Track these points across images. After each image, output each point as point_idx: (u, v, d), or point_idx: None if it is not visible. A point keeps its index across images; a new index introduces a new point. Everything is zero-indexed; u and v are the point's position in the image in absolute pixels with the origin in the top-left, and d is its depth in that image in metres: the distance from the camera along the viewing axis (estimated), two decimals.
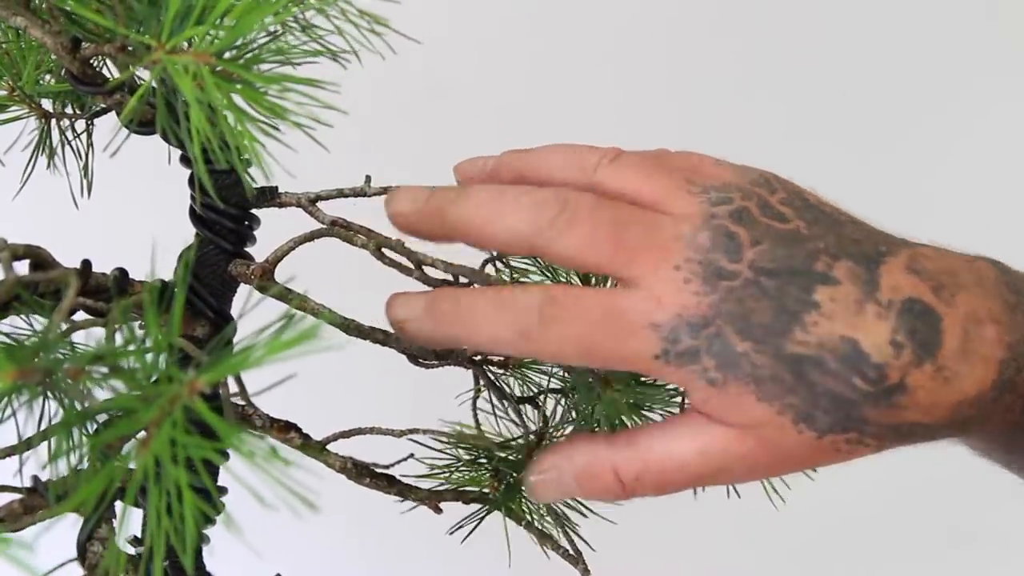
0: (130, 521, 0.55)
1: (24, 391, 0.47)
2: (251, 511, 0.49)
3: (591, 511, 0.82)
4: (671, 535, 1.74)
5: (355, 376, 1.45)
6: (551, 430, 0.77)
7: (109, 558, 0.61)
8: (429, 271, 0.70)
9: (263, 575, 0.90)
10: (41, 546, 0.52)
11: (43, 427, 0.57)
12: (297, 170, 0.62)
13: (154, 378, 0.48)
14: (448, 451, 0.81)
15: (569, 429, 0.77)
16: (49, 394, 0.52)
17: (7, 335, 0.61)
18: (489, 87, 1.80)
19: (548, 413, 0.78)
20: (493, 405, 0.77)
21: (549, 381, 0.79)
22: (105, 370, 0.48)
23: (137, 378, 0.47)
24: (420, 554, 1.25)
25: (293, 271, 0.69)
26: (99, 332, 0.58)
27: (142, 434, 0.45)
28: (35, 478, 0.65)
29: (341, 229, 0.72)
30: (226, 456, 0.51)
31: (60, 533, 0.67)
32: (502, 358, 0.77)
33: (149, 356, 0.49)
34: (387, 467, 0.77)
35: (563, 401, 0.78)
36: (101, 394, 0.48)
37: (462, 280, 0.68)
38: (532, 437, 0.76)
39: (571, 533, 0.83)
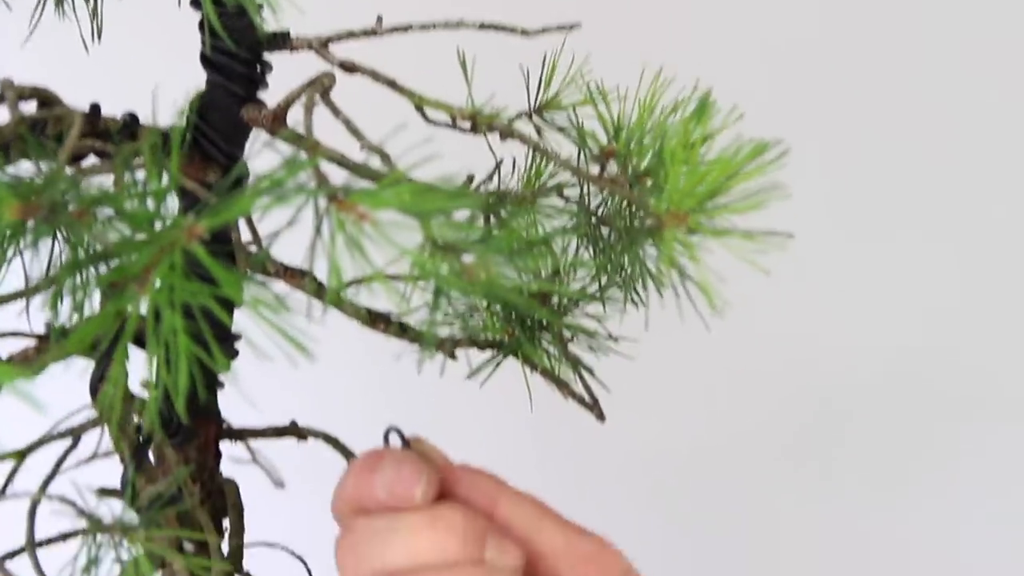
0: (143, 363, 0.55)
1: (30, 231, 0.47)
2: (266, 361, 0.50)
3: (608, 351, 0.82)
4: (686, 371, 1.74)
5: None
6: (563, 275, 0.77)
7: (106, 395, 0.62)
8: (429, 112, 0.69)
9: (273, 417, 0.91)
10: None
11: (51, 272, 0.58)
12: (307, 10, 0.61)
13: (159, 224, 0.47)
14: (460, 298, 0.81)
15: (582, 271, 0.77)
16: (56, 235, 0.52)
17: (13, 177, 0.61)
18: None
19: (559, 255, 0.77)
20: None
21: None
22: (110, 212, 0.48)
23: (140, 221, 0.47)
24: (440, 400, 1.26)
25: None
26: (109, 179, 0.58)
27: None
28: (48, 324, 0.65)
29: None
30: (229, 303, 0.51)
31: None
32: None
33: (151, 200, 0.48)
34: (401, 315, 0.77)
35: (576, 243, 0.77)
36: (109, 237, 0.48)
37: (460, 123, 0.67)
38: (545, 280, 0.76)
39: (587, 377, 0.83)
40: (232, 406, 0.85)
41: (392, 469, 0.56)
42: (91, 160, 0.65)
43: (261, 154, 0.57)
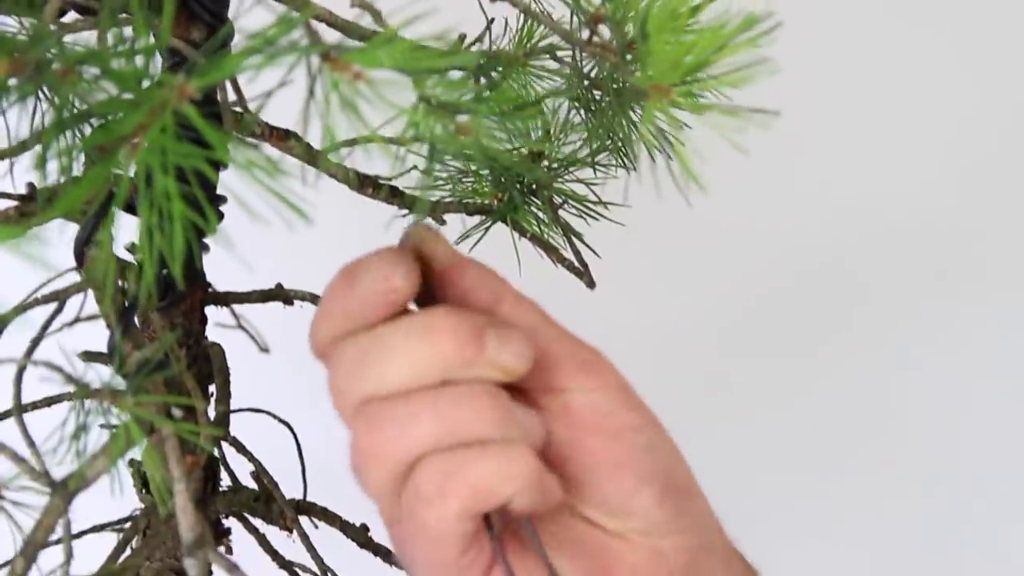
0: (127, 227, 0.54)
1: (15, 89, 0.46)
2: (248, 221, 0.49)
3: (598, 216, 0.82)
4: (680, 234, 1.74)
5: None
6: (554, 139, 0.76)
7: (99, 261, 0.61)
8: None
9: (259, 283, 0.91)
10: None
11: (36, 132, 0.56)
12: None
13: (146, 83, 0.46)
14: (452, 163, 0.80)
15: (573, 136, 0.76)
16: (41, 94, 0.50)
17: None
18: None
19: (551, 119, 0.76)
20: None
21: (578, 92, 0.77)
22: (96, 71, 0.46)
23: (127, 81, 0.45)
24: None
25: None
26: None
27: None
28: (30, 185, 0.64)
29: None
30: (217, 166, 0.50)
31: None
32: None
33: (139, 59, 0.47)
34: (390, 179, 0.76)
35: (568, 106, 0.76)
36: (96, 97, 0.46)
37: None
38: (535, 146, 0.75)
39: (577, 243, 0.82)
40: (218, 272, 0.84)
41: (365, 271, 0.53)
42: (72, 16, 0.63)
43: (248, 14, 0.55)
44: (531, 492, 0.51)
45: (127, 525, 0.87)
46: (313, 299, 0.89)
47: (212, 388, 0.85)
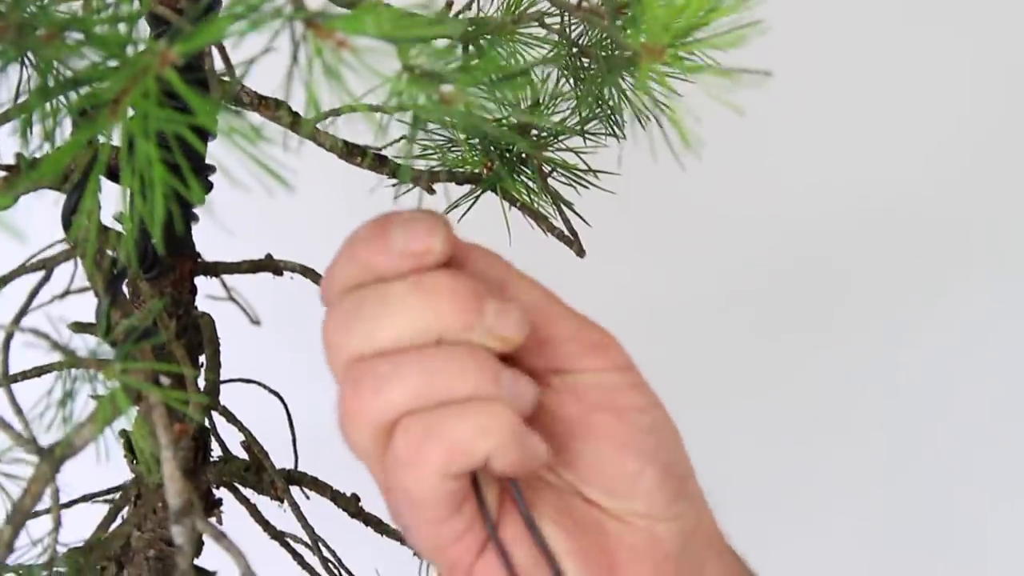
0: (117, 197, 0.54)
1: None
2: (241, 190, 0.48)
3: (589, 185, 0.82)
4: (670, 202, 1.73)
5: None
6: (543, 107, 0.75)
7: (78, 226, 0.60)
8: None
9: (249, 254, 0.90)
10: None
11: (20, 98, 0.56)
12: None
13: (131, 49, 0.46)
14: (440, 131, 0.79)
15: (563, 105, 0.76)
16: (26, 61, 0.50)
17: None
18: None
19: (540, 87, 0.76)
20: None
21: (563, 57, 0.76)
22: (80, 37, 0.46)
23: (111, 46, 0.45)
24: None
25: None
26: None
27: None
28: (19, 155, 0.64)
29: None
30: (203, 134, 0.50)
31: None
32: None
33: (123, 25, 0.46)
34: (379, 148, 0.76)
35: (557, 74, 0.76)
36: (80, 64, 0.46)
37: None
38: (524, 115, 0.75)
39: (567, 212, 0.82)
40: (209, 245, 0.84)
41: (403, 227, 0.51)
42: None
43: None
44: (509, 450, 0.50)
45: (118, 495, 0.87)
46: (303, 271, 0.89)
47: (202, 359, 0.85)
